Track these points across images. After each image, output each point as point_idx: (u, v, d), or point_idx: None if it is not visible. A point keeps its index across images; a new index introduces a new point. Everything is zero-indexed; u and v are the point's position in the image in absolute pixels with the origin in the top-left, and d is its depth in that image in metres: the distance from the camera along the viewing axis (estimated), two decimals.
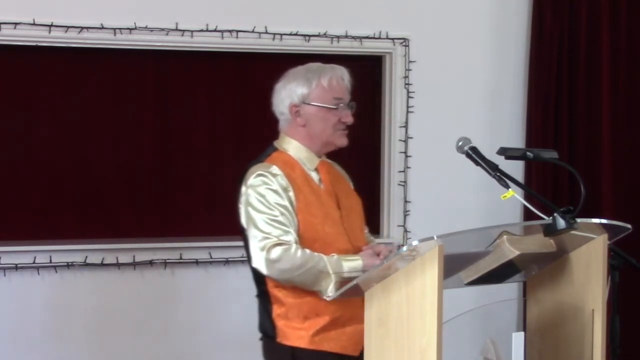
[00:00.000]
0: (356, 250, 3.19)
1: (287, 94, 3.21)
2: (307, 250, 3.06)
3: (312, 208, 3.14)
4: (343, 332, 3.15)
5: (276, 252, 3.03)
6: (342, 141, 3.24)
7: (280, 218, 3.07)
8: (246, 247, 3.20)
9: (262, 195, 3.10)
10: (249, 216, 3.12)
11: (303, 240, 3.10)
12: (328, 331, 3.13)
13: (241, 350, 4.69)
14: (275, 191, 3.10)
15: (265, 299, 3.20)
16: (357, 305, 3.07)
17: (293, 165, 3.19)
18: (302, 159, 3.22)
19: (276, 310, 3.16)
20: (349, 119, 3.23)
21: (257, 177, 3.13)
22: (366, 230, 3.45)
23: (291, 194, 3.12)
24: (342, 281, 3.00)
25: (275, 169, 3.13)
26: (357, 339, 3.10)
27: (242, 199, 3.16)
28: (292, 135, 3.24)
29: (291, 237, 3.07)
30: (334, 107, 3.19)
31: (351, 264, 3.08)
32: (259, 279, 3.19)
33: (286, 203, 3.10)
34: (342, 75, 3.24)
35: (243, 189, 3.17)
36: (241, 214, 3.18)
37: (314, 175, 3.24)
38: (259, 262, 3.08)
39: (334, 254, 3.09)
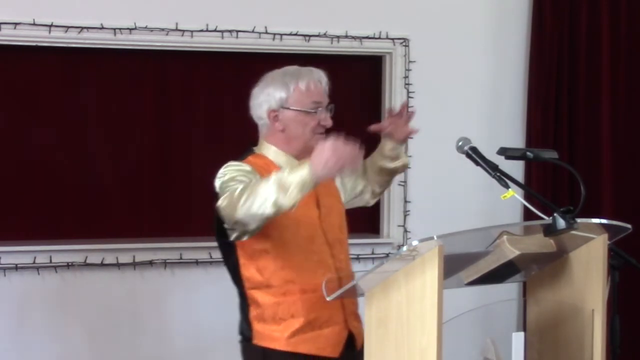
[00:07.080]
0: (334, 250, 3.14)
1: (265, 98, 3.15)
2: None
3: None
4: (320, 334, 3.08)
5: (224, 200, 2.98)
6: None
7: (243, 178, 3.00)
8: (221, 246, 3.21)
9: (227, 166, 3.08)
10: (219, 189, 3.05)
11: (276, 241, 3.04)
12: (304, 333, 3.07)
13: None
14: (242, 168, 3.06)
15: (243, 301, 3.15)
16: (335, 306, 3.07)
17: (270, 167, 3.11)
18: (281, 164, 3.13)
19: (252, 311, 3.11)
20: (328, 122, 3.16)
21: (226, 165, 3.10)
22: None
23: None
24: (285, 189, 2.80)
25: (248, 166, 3.09)
26: (336, 340, 3.10)
27: (216, 184, 3.10)
28: (271, 141, 3.18)
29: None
30: (313, 111, 3.13)
31: (296, 174, 2.80)
32: (238, 281, 3.15)
33: (255, 177, 3.00)
34: (319, 79, 3.16)
35: (215, 182, 3.12)
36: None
37: None
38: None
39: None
